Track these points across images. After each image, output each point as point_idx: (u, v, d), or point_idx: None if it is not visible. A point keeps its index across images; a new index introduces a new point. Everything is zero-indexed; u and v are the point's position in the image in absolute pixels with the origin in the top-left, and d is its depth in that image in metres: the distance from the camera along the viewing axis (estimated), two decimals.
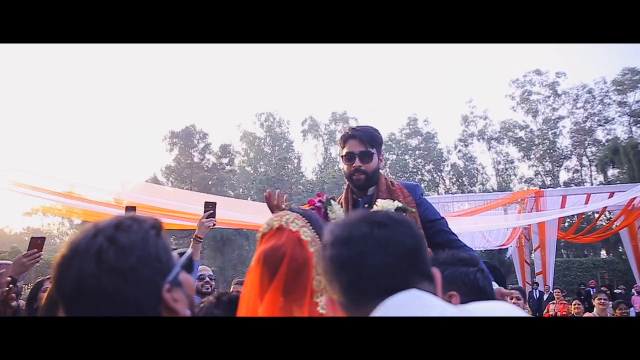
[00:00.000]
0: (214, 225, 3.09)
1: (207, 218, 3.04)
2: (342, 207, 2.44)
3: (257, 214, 9.15)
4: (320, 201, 2.37)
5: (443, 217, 2.47)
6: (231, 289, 7.25)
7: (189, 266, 1.03)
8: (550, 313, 9.37)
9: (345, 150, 2.44)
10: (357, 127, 2.48)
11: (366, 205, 2.42)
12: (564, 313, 9.28)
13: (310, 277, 1.34)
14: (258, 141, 52.96)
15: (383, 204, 2.24)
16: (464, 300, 1.34)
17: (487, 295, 1.49)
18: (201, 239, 3.05)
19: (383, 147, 2.56)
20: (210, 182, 42.53)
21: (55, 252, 4.11)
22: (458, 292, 1.43)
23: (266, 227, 1.45)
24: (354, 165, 2.37)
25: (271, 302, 1.31)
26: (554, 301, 9.85)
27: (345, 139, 2.45)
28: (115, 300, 0.85)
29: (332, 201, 2.37)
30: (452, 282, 1.45)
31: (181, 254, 1.02)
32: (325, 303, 1.08)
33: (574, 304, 7.00)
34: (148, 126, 73.76)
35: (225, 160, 45.43)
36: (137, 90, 72.30)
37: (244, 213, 8.75)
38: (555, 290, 10.78)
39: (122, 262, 0.86)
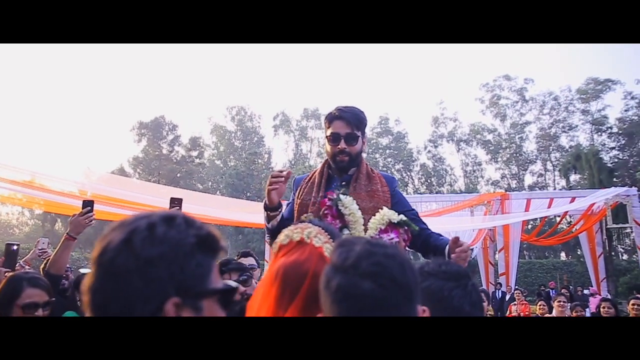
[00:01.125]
0: None
1: None
2: (317, 183, 2.38)
3: (225, 209, 9.05)
4: (330, 199, 2.25)
5: (414, 209, 2.49)
6: None
7: (226, 299, 0.92)
8: (513, 314, 9.59)
9: (330, 131, 2.39)
10: (344, 107, 2.41)
11: (343, 183, 2.39)
12: (526, 313, 9.50)
13: None
14: (229, 135, 52.42)
15: (387, 213, 2.17)
16: None
17: (463, 315, 1.30)
18: None
19: (366, 129, 2.53)
20: (178, 175, 41.89)
21: None
22: (430, 307, 1.23)
23: (285, 238, 1.34)
24: (338, 146, 2.34)
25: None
26: (515, 302, 10.09)
27: (330, 119, 2.40)
28: (118, 285, 0.81)
29: (342, 196, 2.25)
30: (426, 296, 1.26)
31: None
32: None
33: (539, 305, 7.25)
34: (116, 116, 71.91)
35: (194, 153, 44.84)
36: (105, 79, 70.43)
37: (213, 208, 8.62)
38: (515, 292, 11.05)
39: (143, 250, 0.81)
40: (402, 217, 2.18)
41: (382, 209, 2.23)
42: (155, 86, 74.02)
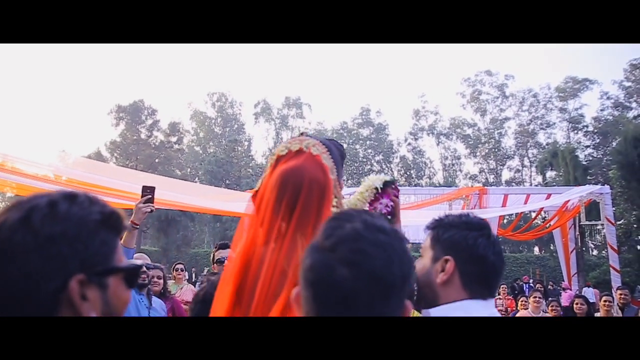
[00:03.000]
0: (152, 211, 2.89)
1: (144, 203, 2.83)
2: None
3: (203, 197, 8.89)
4: None
5: None
6: (172, 274, 7.00)
7: (131, 278, 0.92)
8: (499, 308, 9.74)
9: None
10: None
11: None
12: (513, 308, 9.56)
13: (329, 205, 1.24)
14: (209, 121, 51.83)
15: (372, 180, 1.96)
16: (461, 267, 1.29)
17: (488, 264, 1.30)
18: (137, 225, 2.85)
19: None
20: (157, 160, 41.31)
21: None
22: (454, 257, 1.30)
23: (284, 149, 1.34)
24: None
25: (287, 230, 1.19)
26: (499, 296, 10.24)
27: None
28: (13, 265, 0.78)
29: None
30: (449, 246, 1.32)
31: None
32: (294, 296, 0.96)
33: (521, 301, 7.32)
34: (93, 98, 70.19)
35: (173, 139, 44.21)
36: (82, 60, 68.69)
37: (190, 195, 8.47)
38: (501, 286, 11.16)
39: (43, 228, 0.80)
40: (386, 177, 2.00)
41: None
42: (134, 69, 72.57)
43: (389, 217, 1.86)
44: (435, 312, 1.32)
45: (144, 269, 3.66)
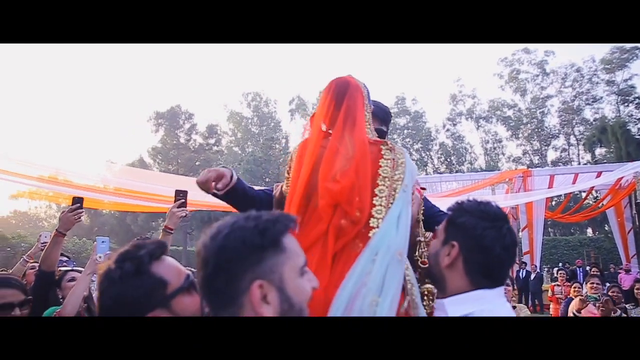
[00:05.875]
0: (186, 215, 2.90)
1: (178, 207, 2.83)
2: None
3: None
4: None
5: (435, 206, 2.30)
6: None
7: None
8: (557, 295, 9.29)
9: None
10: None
11: None
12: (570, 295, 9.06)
13: (364, 110, 1.72)
14: (245, 121, 52.47)
15: None
16: (465, 254, 1.31)
17: (492, 256, 1.29)
18: (172, 230, 2.84)
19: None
20: (197, 163, 42.17)
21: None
22: (460, 243, 1.32)
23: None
24: None
25: (337, 118, 1.68)
26: (558, 283, 9.81)
27: None
28: None
29: None
30: (459, 232, 1.34)
31: None
32: None
33: (574, 287, 6.80)
34: (133, 107, 72.48)
35: (212, 141, 45.04)
36: (121, 71, 70.95)
37: None
38: (559, 272, 10.64)
39: None
40: None
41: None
42: (169, 76, 74.31)
43: None
44: (448, 302, 1.33)
45: None
